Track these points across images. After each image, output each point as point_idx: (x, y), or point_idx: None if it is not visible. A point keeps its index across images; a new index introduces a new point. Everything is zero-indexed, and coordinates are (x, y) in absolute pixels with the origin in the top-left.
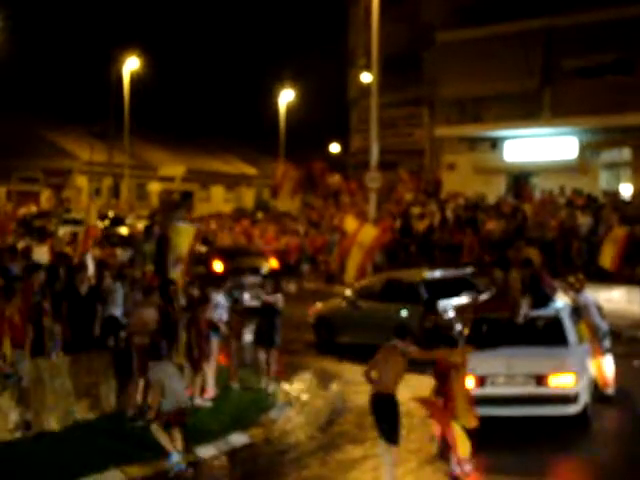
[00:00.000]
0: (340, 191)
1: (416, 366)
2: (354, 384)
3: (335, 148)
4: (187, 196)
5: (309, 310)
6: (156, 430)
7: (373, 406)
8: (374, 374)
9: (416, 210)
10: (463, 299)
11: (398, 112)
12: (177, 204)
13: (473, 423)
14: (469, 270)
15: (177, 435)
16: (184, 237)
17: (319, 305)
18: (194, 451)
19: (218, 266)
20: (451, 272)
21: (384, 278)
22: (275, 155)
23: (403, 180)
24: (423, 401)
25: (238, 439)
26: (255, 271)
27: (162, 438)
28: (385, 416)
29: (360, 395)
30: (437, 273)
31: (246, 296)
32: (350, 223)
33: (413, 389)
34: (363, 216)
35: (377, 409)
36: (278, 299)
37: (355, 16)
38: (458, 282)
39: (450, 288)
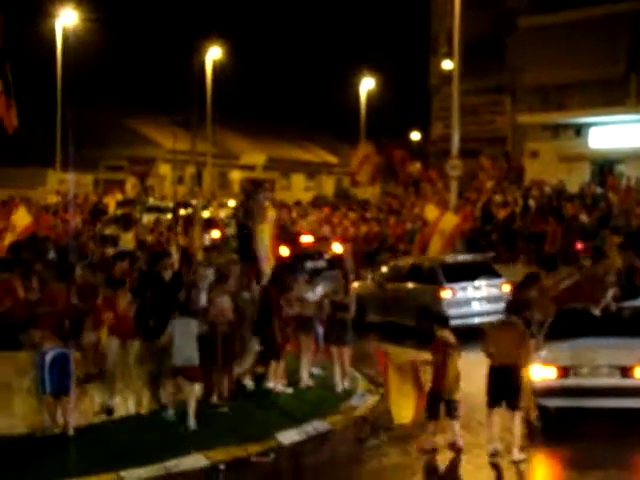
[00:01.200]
0: (420, 179)
1: None
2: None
3: (415, 136)
4: (259, 185)
5: None
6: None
7: (494, 377)
8: (492, 349)
9: (498, 198)
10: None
11: (480, 99)
12: (251, 194)
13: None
14: (489, 255)
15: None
16: (266, 233)
17: (355, 285)
18: (275, 437)
19: (284, 250)
20: (472, 257)
21: (410, 261)
22: (355, 143)
23: (484, 168)
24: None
25: (318, 426)
26: (319, 256)
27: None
28: (508, 386)
29: None
30: (457, 258)
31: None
32: (431, 211)
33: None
34: (444, 204)
35: (499, 380)
36: (352, 300)
37: (437, 3)
38: (478, 266)
39: (469, 272)
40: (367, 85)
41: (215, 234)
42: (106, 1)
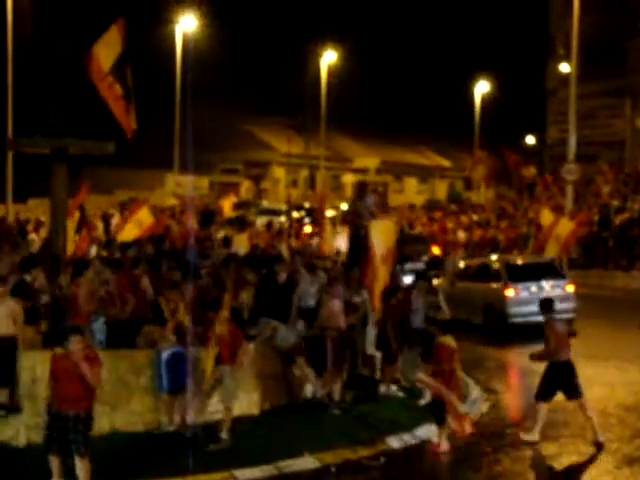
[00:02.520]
0: (535, 183)
1: None
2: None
3: (530, 140)
4: (362, 187)
5: None
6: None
7: (558, 372)
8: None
9: (615, 203)
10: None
11: (597, 103)
12: (359, 196)
13: None
14: (554, 257)
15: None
16: (385, 233)
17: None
18: (385, 441)
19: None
20: (536, 258)
21: (479, 261)
22: (469, 147)
23: (603, 172)
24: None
25: (429, 431)
26: (418, 258)
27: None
28: (567, 379)
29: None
30: (523, 258)
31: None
32: (546, 216)
33: None
34: (559, 209)
35: (560, 375)
36: (441, 300)
37: (556, 5)
38: (543, 267)
39: (534, 272)
40: (482, 88)
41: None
42: (224, 7)
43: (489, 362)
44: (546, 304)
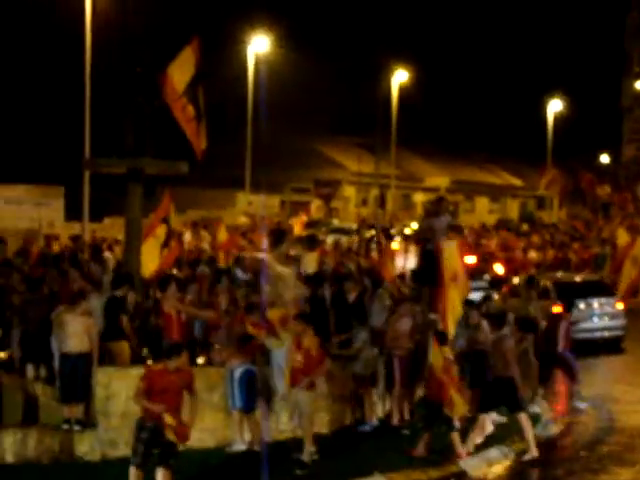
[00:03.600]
0: (610, 203)
1: None
2: (624, 403)
3: (605, 158)
4: (439, 202)
5: None
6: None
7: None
8: None
9: None
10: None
11: None
12: (436, 212)
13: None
14: (603, 274)
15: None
16: (454, 255)
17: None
18: (456, 462)
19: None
20: (586, 276)
21: (526, 278)
22: (541, 166)
23: None
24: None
25: (498, 454)
26: (480, 277)
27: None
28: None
29: (631, 415)
30: (572, 276)
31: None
32: (622, 236)
33: None
34: (636, 229)
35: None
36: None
37: (631, 22)
38: (592, 285)
39: (583, 290)
40: (555, 106)
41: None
42: (295, 27)
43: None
44: (498, 319)
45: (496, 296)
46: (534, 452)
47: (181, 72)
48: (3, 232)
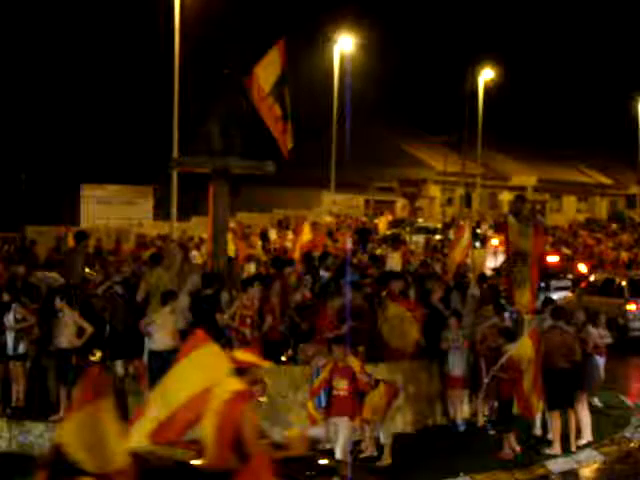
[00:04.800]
0: None
1: None
2: None
3: None
4: (519, 200)
5: None
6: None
7: None
8: None
9: None
10: None
11: None
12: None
13: None
14: None
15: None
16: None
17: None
18: (545, 464)
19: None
20: None
21: (604, 276)
22: (632, 165)
23: None
24: None
25: (588, 456)
26: (563, 276)
27: None
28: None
29: None
30: None
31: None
32: None
33: None
34: None
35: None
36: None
37: None
38: None
39: None
40: None
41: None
42: (382, 26)
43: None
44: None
45: (570, 294)
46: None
47: (267, 73)
48: (95, 231)
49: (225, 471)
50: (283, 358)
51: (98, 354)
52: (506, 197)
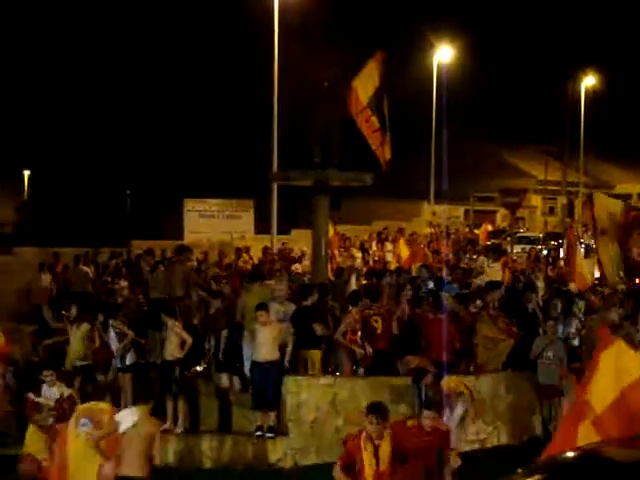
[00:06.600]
0: None
1: None
2: None
3: None
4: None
5: None
6: None
7: None
8: None
9: None
10: None
11: None
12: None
13: None
14: None
15: None
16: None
17: None
18: None
19: None
20: None
21: None
22: None
23: None
24: None
25: None
26: None
27: None
28: None
29: None
30: None
31: None
32: None
33: None
34: None
35: None
36: None
37: None
38: None
39: None
40: None
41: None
42: (479, 36)
43: None
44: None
45: None
46: None
47: (365, 85)
48: (198, 245)
49: None
50: None
51: (203, 365)
52: None
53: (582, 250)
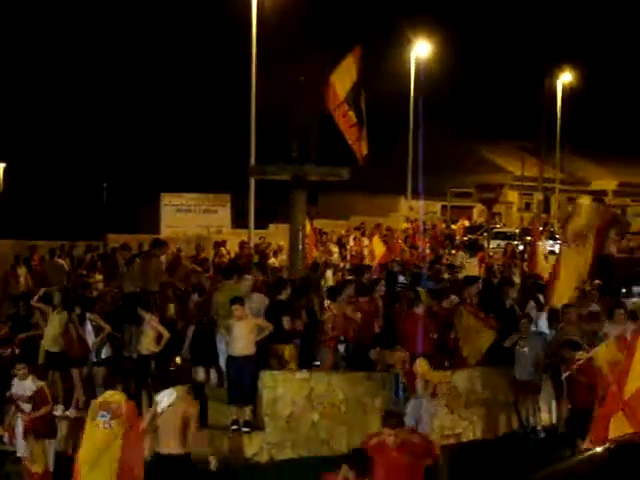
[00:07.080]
0: None
1: None
2: None
3: None
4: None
5: None
6: None
7: None
8: None
9: None
10: None
11: None
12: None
13: None
14: None
15: None
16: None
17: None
18: None
19: None
20: None
21: None
22: None
23: None
24: None
25: None
26: None
27: None
28: None
29: None
30: None
31: None
32: None
33: None
34: None
35: None
36: None
37: None
38: None
39: None
40: None
41: None
42: (457, 32)
43: None
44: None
45: None
46: None
47: (343, 80)
48: (174, 239)
49: None
50: None
51: (178, 359)
52: (585, 202)
53: (557, 247)
